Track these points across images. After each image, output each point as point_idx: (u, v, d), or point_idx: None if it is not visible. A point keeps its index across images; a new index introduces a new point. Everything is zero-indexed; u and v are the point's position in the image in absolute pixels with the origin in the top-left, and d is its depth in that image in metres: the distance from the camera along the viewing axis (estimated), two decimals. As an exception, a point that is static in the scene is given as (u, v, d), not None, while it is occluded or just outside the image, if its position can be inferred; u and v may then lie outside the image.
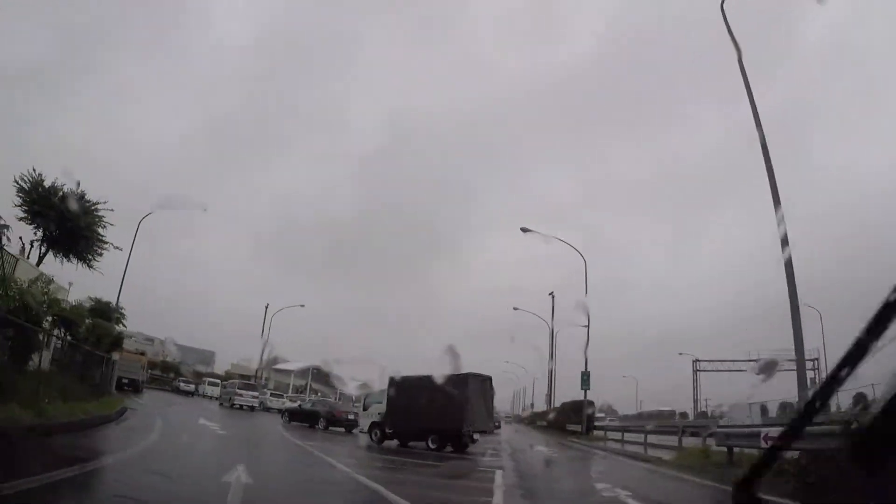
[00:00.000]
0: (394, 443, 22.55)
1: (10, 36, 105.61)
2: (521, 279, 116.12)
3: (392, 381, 23.23)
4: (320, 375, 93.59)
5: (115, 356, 27.80)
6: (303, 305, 63.70)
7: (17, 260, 18.89)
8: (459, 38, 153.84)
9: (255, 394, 41.01)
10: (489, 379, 23.05)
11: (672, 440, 25.49)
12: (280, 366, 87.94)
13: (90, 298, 49.31)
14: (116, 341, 26.00)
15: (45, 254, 31.08)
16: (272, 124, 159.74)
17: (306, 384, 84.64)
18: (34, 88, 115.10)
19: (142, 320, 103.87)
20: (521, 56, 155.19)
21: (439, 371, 21.05)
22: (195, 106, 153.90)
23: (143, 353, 44.17)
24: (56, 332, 18.57)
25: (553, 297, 52.42)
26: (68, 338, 18.46)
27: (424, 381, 22.33)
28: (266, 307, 57.66)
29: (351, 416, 29.64)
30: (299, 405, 32.56)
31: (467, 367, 21.25)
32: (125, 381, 37.27)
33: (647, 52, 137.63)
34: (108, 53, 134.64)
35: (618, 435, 34.82)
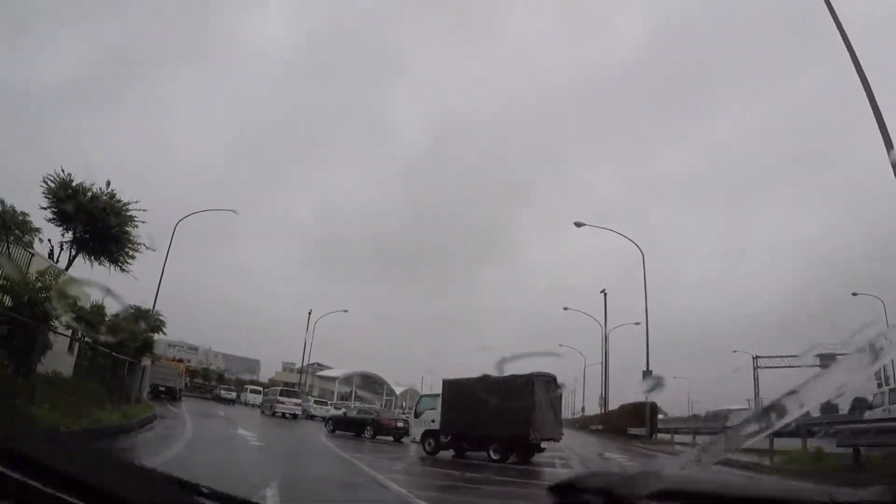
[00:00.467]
0: (449, 453, 20.02)
1: (50, 50, 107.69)
2: (571, 278, 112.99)
3: (447, 385, 20.71)
4: (365, 382, 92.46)
5: (146, 362, 25.95)
6: (346, 310, 61.51)
7: (32, 255, 16.99)
8: (503, 37, 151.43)
9: (298, 401, 38.94)
10: (555, 380, 20.33)
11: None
12: (324, 373, 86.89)
13: (130, 307, 48.37)
14: (146, 345, 24.16)
15: (74, 256, 29.64)
16: (316, 131, 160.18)
17: (351, 391, 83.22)
18: (75, 102, 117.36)
19: (187, 330, 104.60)
20: (566, 52, 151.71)
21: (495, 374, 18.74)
22: (238, 116, 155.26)
23: (180, 360, 42.62)
24: (71, 332, 16.66)
25: (605, 295, 49.85)
26: (86, 339, 16.49)
27: (484, 384, 19.73)
28: (309, 313, 55.86)
29: (400, 424, 27.37)
30: (344, 413, 30.29)
31: (513, 371, 19.16)
32: (162, 388, 35.86)
33: (690, 44, 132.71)
34: (149, 66, 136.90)
35: (683, 438, 32.68)
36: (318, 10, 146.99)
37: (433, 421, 20.60)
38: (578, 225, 40.42)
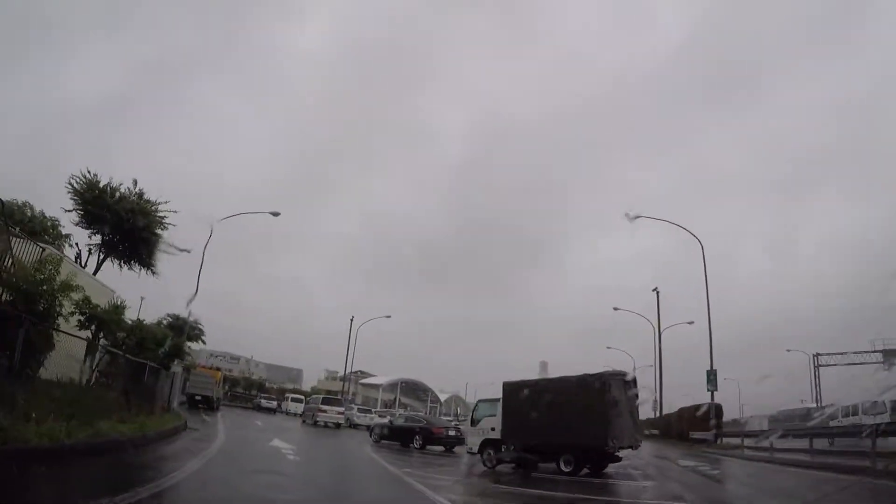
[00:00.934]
0: (507, 465, 17.63)
1: (86, 65, 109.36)
2: (617, 280, 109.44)
3: (508, 388, 18.13)
4: (409, 389, 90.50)
5: (177, 368, 24.13)
6: (389, 316, 60.36)
7: (43, 250, 15.20)
8: (542, 37, 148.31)
9: (341, 409, 36.84)
10: (633, 380, 17.69)
11: (844, 443, 21.69)
12: (367, 380, 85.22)
13: (168, 315, 47.21)
14: (176, 351, 22.32)
15: (103, 260, 28.30)
16: (358, 139, 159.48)
17: (395, 398, 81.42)
18: (114, 116, 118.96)
19: (230, 341, 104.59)
20: (606, 48, 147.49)
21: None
22: (279, 127, 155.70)
23: (218, 369, 40.90)
24: (90, 334, 14.84)
25: (658, 293, 47.37)
26: (101, 341, 14.63)
27: (552, 386, 17.25)
28: (351, 320, 54.40)
29: (451, 433, 25.06)
30: (390, 421, 28.01)
31: (558, 374, 17.03)
32: (198, 397, 34.38)
33: (732, 35, 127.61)
34: (187, 79, 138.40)
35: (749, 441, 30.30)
36: (358, 17, 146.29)
37: (493, 429, 18.19)
38: (633, 218, 37.85)
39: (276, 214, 35.34)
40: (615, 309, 53.35)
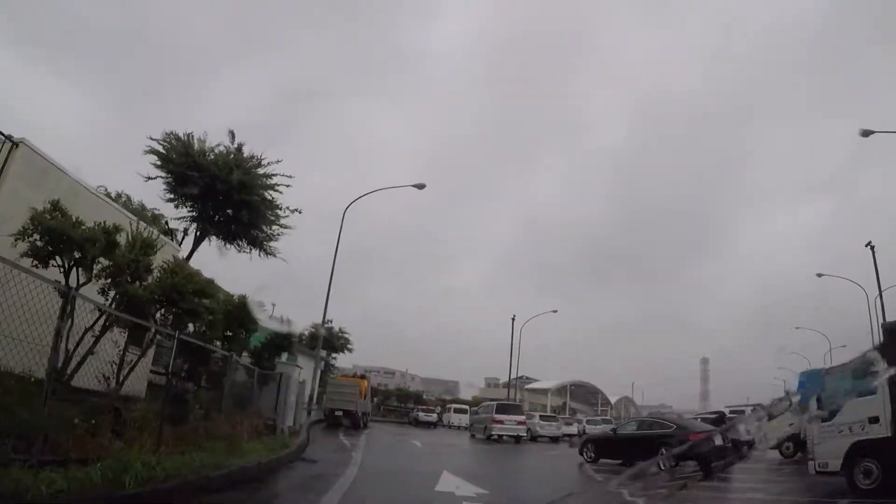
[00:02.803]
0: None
1: (225, 94, 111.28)
2: (799, 255, 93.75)
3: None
4: (577, 392, 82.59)
5: (293, 371, 16.45)
6: (555, 311, 53.17)
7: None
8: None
9: (521, 418, 28.36)
10: None
11: None
12: (532, 385, 77.29)
13: (313, 325, 41.44)
14: (282, 342, 14.74)
15: (200, 238, 21.95)
16: (514, 140, 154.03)
17: (564, 402, 73.12)
18: (254, 141, 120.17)
19: (386, 356, 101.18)
20: (756, 6, 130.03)
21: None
22: (431, 134, 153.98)
23: (363, 377, 33.90)
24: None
25: (873, 248, 34.97)
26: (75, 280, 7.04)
27: None
28: (513, 319, 47.25)
29: (717, 440, 15.72)
30: (613, 430, 19.01)
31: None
32: (338, 412, 27.56)
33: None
34: (332, 96, 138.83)
35: None
36: (498, 12, 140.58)
37: (872, 421, 8.60)
38: (866, 134, 26.93)
39: (420, 187, 29.35)
40: (819, 275, 41.87)
